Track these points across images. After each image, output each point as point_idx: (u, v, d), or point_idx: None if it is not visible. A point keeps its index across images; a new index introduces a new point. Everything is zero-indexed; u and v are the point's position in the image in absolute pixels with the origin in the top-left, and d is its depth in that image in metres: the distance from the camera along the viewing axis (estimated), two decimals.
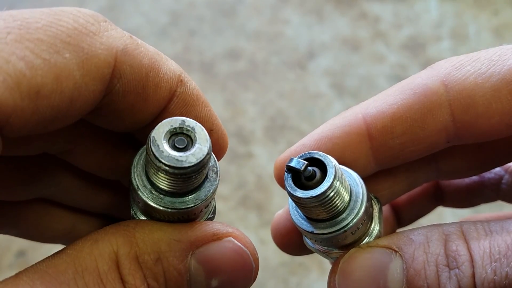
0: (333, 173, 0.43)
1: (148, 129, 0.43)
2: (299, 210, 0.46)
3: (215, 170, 0.44)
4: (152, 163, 0.41)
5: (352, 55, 1.43)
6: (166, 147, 0.40)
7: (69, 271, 0.38)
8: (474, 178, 0.63)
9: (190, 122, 0.41)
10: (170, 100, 0.44)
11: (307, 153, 0.45)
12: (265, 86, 1.39)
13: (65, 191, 0.53)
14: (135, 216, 0.45)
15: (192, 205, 0.42)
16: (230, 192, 1.22)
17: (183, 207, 0.42)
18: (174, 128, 0.41)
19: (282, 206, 0.52)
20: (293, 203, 0.46)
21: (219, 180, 0.44)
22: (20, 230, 0.54)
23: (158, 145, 0.40)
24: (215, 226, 0.43)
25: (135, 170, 0.43)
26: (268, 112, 1.34)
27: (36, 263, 0.39)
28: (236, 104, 1.35)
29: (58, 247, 0.55)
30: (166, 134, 0.41)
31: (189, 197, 0.43)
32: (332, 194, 0.43)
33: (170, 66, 0.44)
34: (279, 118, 1.32)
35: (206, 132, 0.42)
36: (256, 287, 1.09)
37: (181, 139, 0.41)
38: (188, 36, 1.48)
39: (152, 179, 0.42)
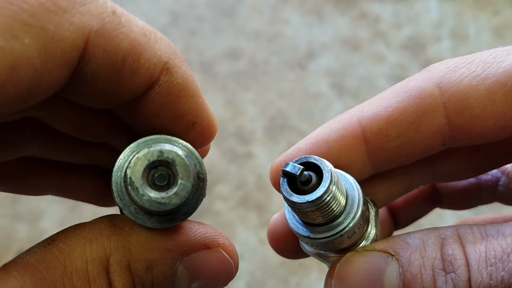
0: (329, 178, 0.43)
1: (126, 108, 0.41)
2: (295, 215, 0.46)
3: (202, 176, 0.42)
4: (134, 202, 0.39)
5: (352, 55, 1.43)
6: (145, 190, 0.38)
7: (59, 270, 0.37)
8: (471, 180, 0.63)
9: (168, 153, 0.38)
10: (151, 88, 0.40)
11: (302, 158, 0.44)
12: (265, 86, 1.38)
13: (48, 150, 0.50)
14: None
15: (181, 221, 0.41)
16: (230, 192, 1.22)
17: (172, 224, 0.41)
18: (152, 163, 0.38)
19: (282, 206, 0.52)
20: (289, 208, 0.46)
21: (206, 186, 0.42)
22: (8, 186, 0.52)
23: (137, 188, 0.37)
24: (208, 234, 0.42)
25: (115, 189, 0.40)
26: (268, 112, 1.34)
27: (25, 253, 0.38)
28: (236, 104, 1.35)
29: None
30: (144, 172, 0.38)
31: (177, 214, 0.41)
32: (328, 198, 0.43)
33: (157, 50, 0.39)
34: (279, 118, 1.32)
35: (187, 161, 0.38)
36: (256, 287, 1.10)
37: (161, 174, 0.38)
38: (188, 36, 1.48)
39: (137, 206, 0.40)
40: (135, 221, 0.40)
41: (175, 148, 0.39)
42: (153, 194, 0.38)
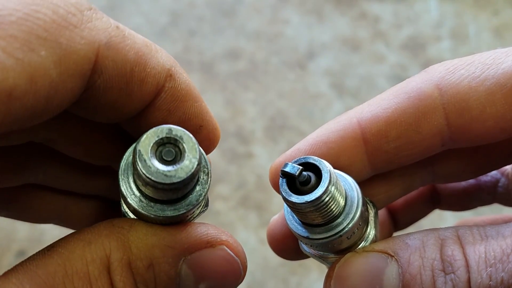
0: (328, 178, 0.43)
1: (133, 121, 0.42)
2: (294, 215, 0.46)
3: (206, 171, 0.42)
4: (140, 177, 0.39)
5: (352, 55, 1.43)
6: (153, 162, 0.38)
7: (59, 274, 0.37)
8: (471, 181, 0.63)
9: (177, 130, 0.39)
10: (158, 95, 0.42)
11: (301, 158, 0.44)
12: (265, 86, 1.38)
13: (53, 177, 0.51)
14: (126, 214, 0.43)
15: (183, 211, 0.41)
16: (230, 192, 1.22)
17: (175, 214, 0.41)
18: (161, 139, 0.39)
19: (282, 206, 0.52)
20: (288, 208, 0.46)
21: (210, 181, 0.42)
22: (11, 212, 0.53)
23: (144, 160, 0.38)
24: (210, 232, 0.42)
25: (122, 177, 0.41)
26: (268, 112, 1.34)
27: (26, 260, 0.38)
28: (236, 104, 1.35)
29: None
30: (152, 146, 0.39)
31: (180, 203, 0.41)
32: (327, 199, 0.43)
33: (160, 59, 0.41)
34: (279, 118, 1.32)
35: (195, 140, 0.40)
36: (256, 287, 1.10)
37: (169, 150, 0.39)
38: (188, 36, 1.48)
39: (140, 189, 0.41)
40: (138, 209, 0.40)
41: (184, 129, 0.40)
42: (160, 166, 0.38)
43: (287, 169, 0.43)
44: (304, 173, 0.43)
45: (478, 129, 0.45)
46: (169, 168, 0.38)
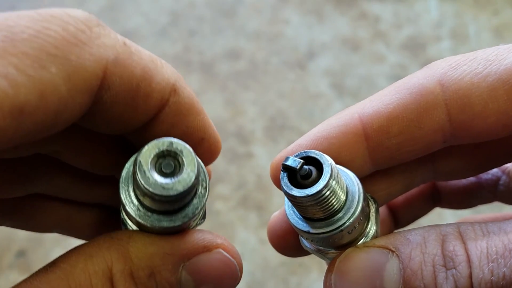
0: (329, 172, 0.43)
1: (137, 133, 0.44)
2: (295, 210, 0.46)
3: (204, 185, 0.43)
4: (139, 187, 0.40)
5: (352, 55, 1.43)
6: (152, 173, 0.39)
7: None
8: (471, 179, 0.63)
9: (178, 144, 0.41)
10: (162, 109, 0.43)
11: (303, 152, 0.44)
12: (265, 86, 1.39)
13: (58, 187, 0.52)
14: (125, 221, 0.44)
15: (179, 223, 0.42)
16: (230, 192, 1.22)
17: (170, 225, 0.42)
18: (162, 151, 0.40)
19: (282, 206, 0.52)
20: (289, 203, 0.46)
21: (207, 195, 0.43)
22: (15, 222, 0.54)
23: (144, 171, 0.39)
24: (206, 237, 0.43)
25: (122, 185, 0.43)
26: (268, 112, 1.34)
27: (29, 277, 0.39)
28: (236, 104, 1.35)
29: (58, 248, 0.55)
30: (153, 158, 0.40)
31: (177, 215, 0.42)
32: (328, 193, 0.43)
33: (165, 74, 0.42)
34: (279, 118, 1.32)
35: (194, 155, 0.41)
36: (256, 287, 1.10)
37: (168, 163, 0.40)
38: (188, 36, 1.48)
39: (139, 198, 0.42)
40: (136, 217, 0.41)
41: (184, 142, 0.41)
42: (158, 178, 0.39)
43: (288, 163, 0.43)
44: (305, 166, 0.43)
45: (480, 125, 0.45)
46: (167, 180, 0.40)
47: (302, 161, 0.43)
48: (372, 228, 0.48)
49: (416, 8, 1.52)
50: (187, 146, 0.41)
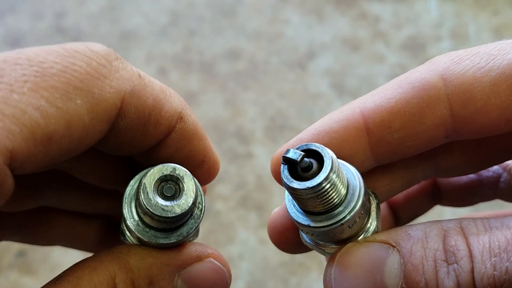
0: (330, 165, 0.42)
1: (144, 155, 0.48)
2: (295, 204, 0.46)
3: (200, 207, 0.48)
4: (140, 206, 0.45)
5: (352, 55, 1.43)
6: (154, 195, 0.44)
7: None
8: (472, 176, 0.63)
9: (180, 170, 0.46)
10: (169, 134, 0.47)
11: (304, 145, 0.44)
12: (265, 86, 1.38)
13: (65, 200, 0.56)
14: (124, 231, 0.48)
15: (174, 240, 0.46)
16: (230, 192, 1.22)
17: (165, 242, 0.46)
18: (165, 176, 0.45)
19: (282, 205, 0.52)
20: (290, 197, 0.46)
21: (202, 217, 0.48)
22: (21, 236, 0.57)
23: (147, 193, 0.44)
24: (198, 248, 0.47)
25: (126, 201, 0.47)
26: (268, 112, 1.33)
27: None
28: (236, 104, 1.35)
29: (58, 248, 0.57)
30: (156, 181, 0.45)
31: (172, 233, 0.46)
32: (328, 185, 0.42)
33: (173, 103, 0.46)
34: (279, 118, 1.32)
35: (194, 181, 0.45)
36: (256, 287, 1.09)
37: (170, 187, 0.45)
38: (188, 36, 1.48)
39: (140, 215, 0.46)
40: (135, 231, 0.46)
41: (186, 169, 0.46)
42: (159, 200, 0.44)
43: (289, 155, 0.43)
44: (306, 159, 0.43)
45: (482, 120, 0.45)
46: (167, 203, 0.44)
47: (303, 153, 0.43)
48: (372, 224, 0.47)
49: (416, 8, 1.52)
50: (188, 172, 0.46)
